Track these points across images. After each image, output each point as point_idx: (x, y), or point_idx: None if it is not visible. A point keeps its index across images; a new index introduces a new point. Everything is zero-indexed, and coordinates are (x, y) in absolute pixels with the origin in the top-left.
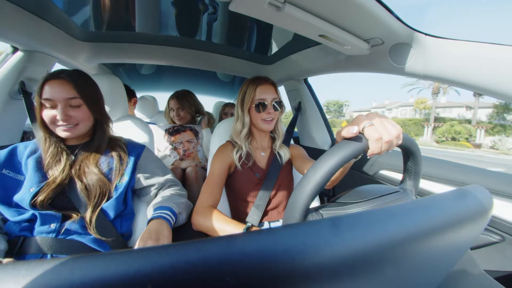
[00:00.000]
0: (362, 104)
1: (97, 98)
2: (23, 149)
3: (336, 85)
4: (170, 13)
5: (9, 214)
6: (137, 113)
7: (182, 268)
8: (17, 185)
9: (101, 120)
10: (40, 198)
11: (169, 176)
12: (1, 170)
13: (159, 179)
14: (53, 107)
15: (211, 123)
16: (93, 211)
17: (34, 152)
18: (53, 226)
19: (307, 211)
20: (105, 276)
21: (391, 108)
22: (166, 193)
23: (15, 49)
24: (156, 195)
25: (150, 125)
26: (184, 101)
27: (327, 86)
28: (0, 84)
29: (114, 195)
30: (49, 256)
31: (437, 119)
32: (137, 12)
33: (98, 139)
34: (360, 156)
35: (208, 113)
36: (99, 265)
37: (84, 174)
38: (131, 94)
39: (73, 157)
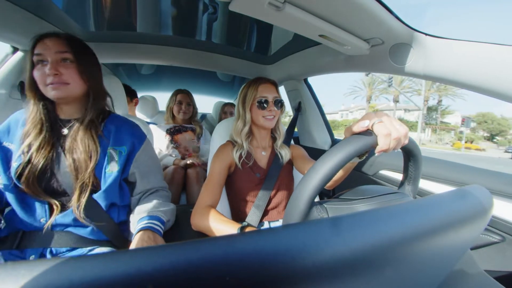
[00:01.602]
0: (332, 107)
1: (92, 63)
2: (20, 117)
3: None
4: (170, 13)
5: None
6: (137, 113)
7: (183, 267)
8: (12, 155)
9: (94, 90)
10: (24, 174)
11: (160, 179)
12: (2, 143)
13: (152, 182)
14: (44, 62)
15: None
16: (79, 196)
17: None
18: (43, 220)
19: (312, 203)
20: (105, 276)
21: (353, 111)
22: (152, 198)
23: (15, 49)
24: (141, 196)
25: (151, 126)
26: (191, 98)
27: None
28: (0, 84)
29: (103, 186)
30: (48, 250)
31: None
32: (137, 12)
33: (89, 112)
34: (364, 157)
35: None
36: (99, 265)
37: (74, 150)
38: (132, 95)
39: (65, 131)
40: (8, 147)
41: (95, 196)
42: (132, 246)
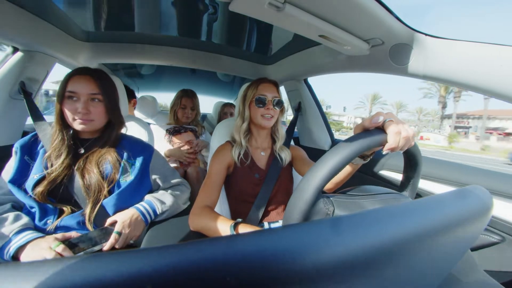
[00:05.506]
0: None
1: (115, 99)
2: (38, 137)
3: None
4: (170, 13)
5: (19, 196)
6: (137, 113)
7: (183, 268)
8: (30, 171)
9: (113, 121)
10: (40, 186)
11: (178, 178)
12: (23, 156)
13: (170, 182)
14: (76, 100)
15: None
16: (92, 208)
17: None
18: (49, 221)
19: (318, 195)
20: (106, 277)
21: None
22: (168, 190)
23: (15, 49)
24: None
25: (151, 126)
26: (196, 102)
27: None
28: (0, 84)
29: (115, 191)
30: None
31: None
32: (138, 12)
33: (106, 136)
34: (369, 158)
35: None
36: (99, 266)
37: (87, 171)
38: (130, 95)
39: (82, 151)
40: (27, 161)
41: (105, 201)
42: (115, 215)
